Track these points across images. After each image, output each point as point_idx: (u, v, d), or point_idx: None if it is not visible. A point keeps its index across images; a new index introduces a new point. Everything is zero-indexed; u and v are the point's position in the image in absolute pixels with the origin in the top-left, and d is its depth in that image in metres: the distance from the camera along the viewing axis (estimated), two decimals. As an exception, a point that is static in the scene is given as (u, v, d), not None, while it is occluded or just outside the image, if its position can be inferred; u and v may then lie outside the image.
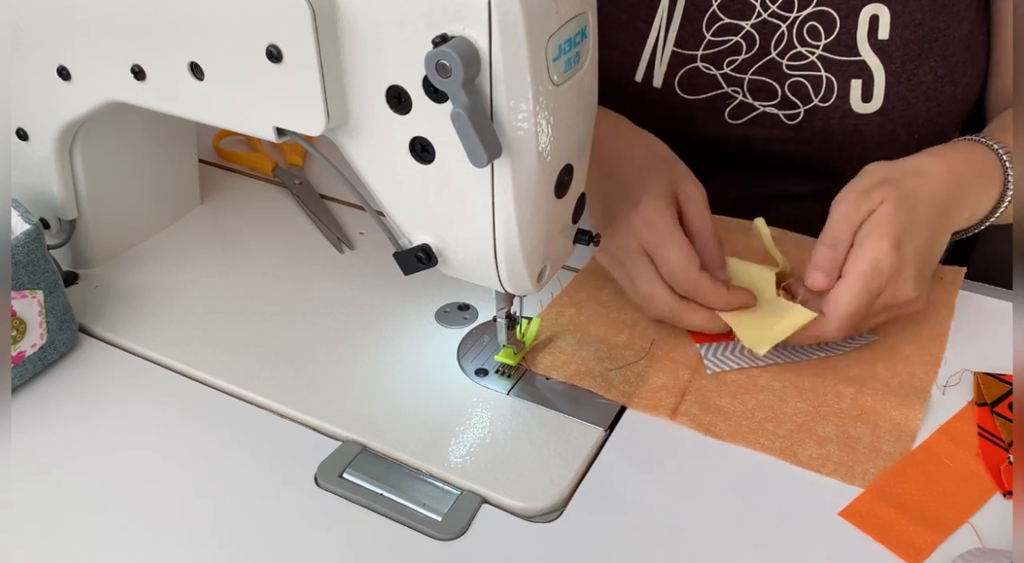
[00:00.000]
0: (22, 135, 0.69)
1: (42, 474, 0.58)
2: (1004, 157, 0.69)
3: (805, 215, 0.77)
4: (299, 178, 0.87)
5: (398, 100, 0.50)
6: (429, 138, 0.51)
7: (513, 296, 0.61)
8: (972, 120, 0.86)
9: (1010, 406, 0.59)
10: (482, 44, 0.46)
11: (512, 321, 0.63)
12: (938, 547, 0.52)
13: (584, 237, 0.59)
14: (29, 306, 0.61)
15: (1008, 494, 0.54)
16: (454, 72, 0.45)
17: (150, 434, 0.60)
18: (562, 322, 0.69)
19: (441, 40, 0.45)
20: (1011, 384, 0.60)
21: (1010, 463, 0.55)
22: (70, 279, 0.74)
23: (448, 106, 0.47)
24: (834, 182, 0.73)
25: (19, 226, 0.62)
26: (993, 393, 0.60)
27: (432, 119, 0.50)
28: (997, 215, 0.70)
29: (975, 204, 0.68)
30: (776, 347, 0.62)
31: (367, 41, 0.50)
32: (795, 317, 0.62)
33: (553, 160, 0.51)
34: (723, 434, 0.59)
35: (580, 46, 0.50)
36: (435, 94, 0.49)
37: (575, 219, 0.57)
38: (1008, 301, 0.70)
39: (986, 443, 0.57)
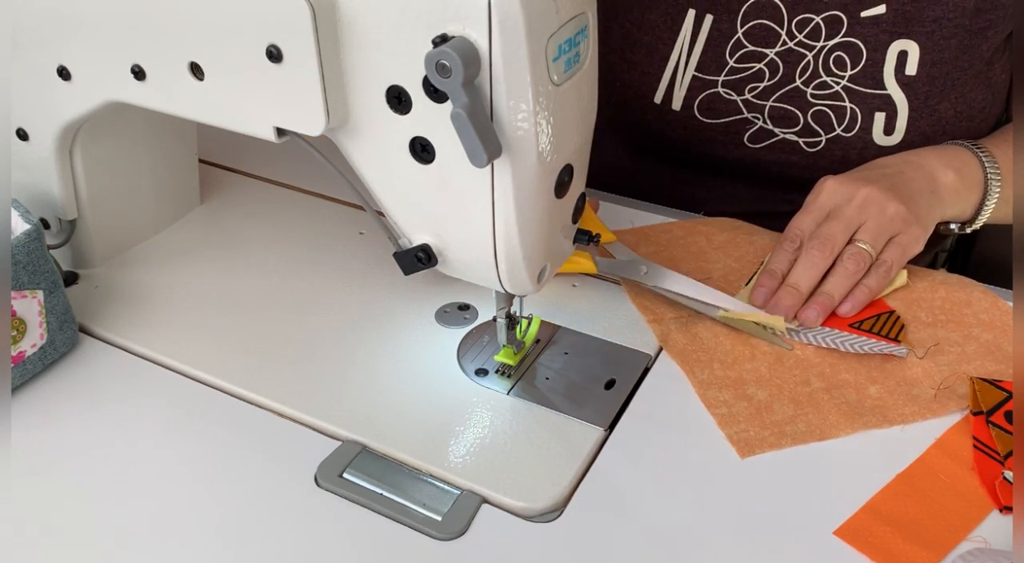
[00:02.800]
0: (22, 135, 0.69)
1: (42, 474, 0.58)
2: (986, 162, 0.72)
3: None
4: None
5: (398, 100, 0.50)
6: (429, 138, 0.51)
7: (513, 296, 0.61)
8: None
9: (1006, 414, 0.58)
10: (482, 44, 0.46)
11: (512, 321, 0.63)
12: (935, 567, 0.51)
13: (584, 237, 0.59)
14: (29, 306, 0.61)
15: (1005, 510, 0.53)
16: (454, 72, 0.45)
17: (150, 434, 0.60)
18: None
19: (441, 40, 0.45)
20: (1008, 391, 0.60)
21: (1005, 478, 0.55)
22: (70, 279, 0.74)
23: (448, 106, 0.47)
24: None
25: (19, 226, 0.62)
26: (989, 401, 0.59)
27: (432, 119, 0.50)
28: (982, 216, 0.74)
29: (954, 196, 0.71)
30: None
31: (367, 41, 0.50)
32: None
33: (553, 160, 0.51)
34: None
35: (580, 46, 0.50)
36: (435, 94, 0.49)
37: (575, 219, 0.57)
38: (1008, 301, 0.70)
39: (981, 456, 0.56)
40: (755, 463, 0.58)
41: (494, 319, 0.63)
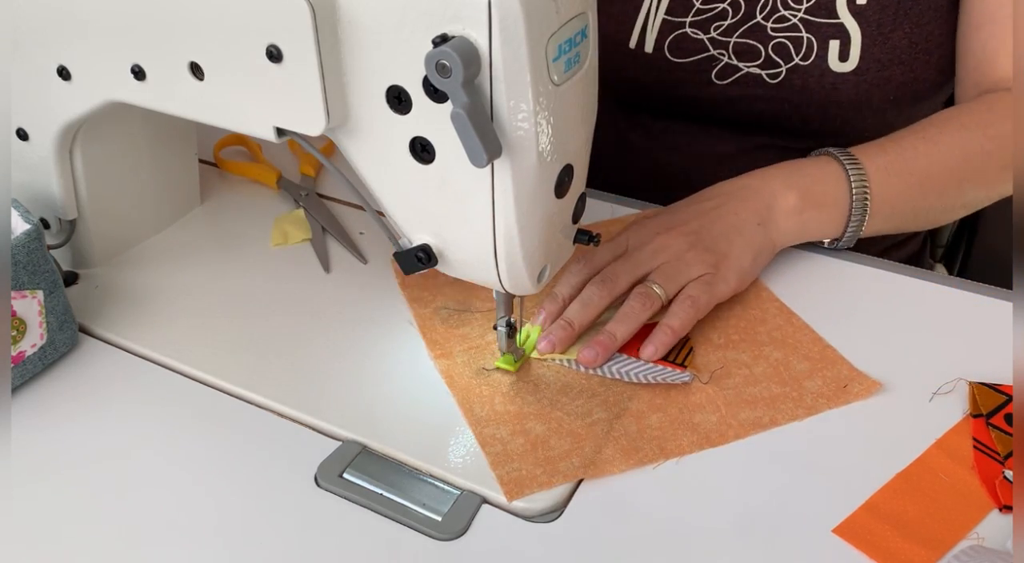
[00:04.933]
0: (22, 135, 0.69)
1: (42, 474, 0.58)
2: (852, 177, 0.72)
3: None
4: (306, 189, 0.86)
5: (398, 100, 0.50)
6: (429, 138, 0.51)
7: (513, 302, 0.61)
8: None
9: (1006, 417, 0.58)
10: (482, 44, 0.46)
11: (512, 329, 0.62)
12: (934, 565, 0.51)
13: (584, 237, 0.59)
14: (29, 306, 0.61)
15: (1004, 509, 0.53)
16: (454, 72, 0.45)
17: (150, 434, 0.60)
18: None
19: (441, 40, 0.45)
20: (1007, 395, 0.59)
21: (1005, 477, 0.55)
22: (70, 279, 0.74)
23: (448, 106, 0.47)
24: (812, 140, 0.83)
25: (19, 226, 0.62)
26: (989, 404, 0.59)
27: (432, 119, 0.50)
28: (849, 234, 0.73)
29: (793, 219, 0.71)
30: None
31: (367, 41, 0.50)
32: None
33: (553, 160, 0.51)
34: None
35: (580, 46, 0.50)
36: (435, 94, 0.49)
37: (575, 219, 0.57)
38: (1008, 301, 0.70)
39: (981, 456, 0.56)
40: (754, 462, 0.58)
41: (494, 327, 0.62)
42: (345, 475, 0.57)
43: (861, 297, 0.71)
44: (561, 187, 0.53)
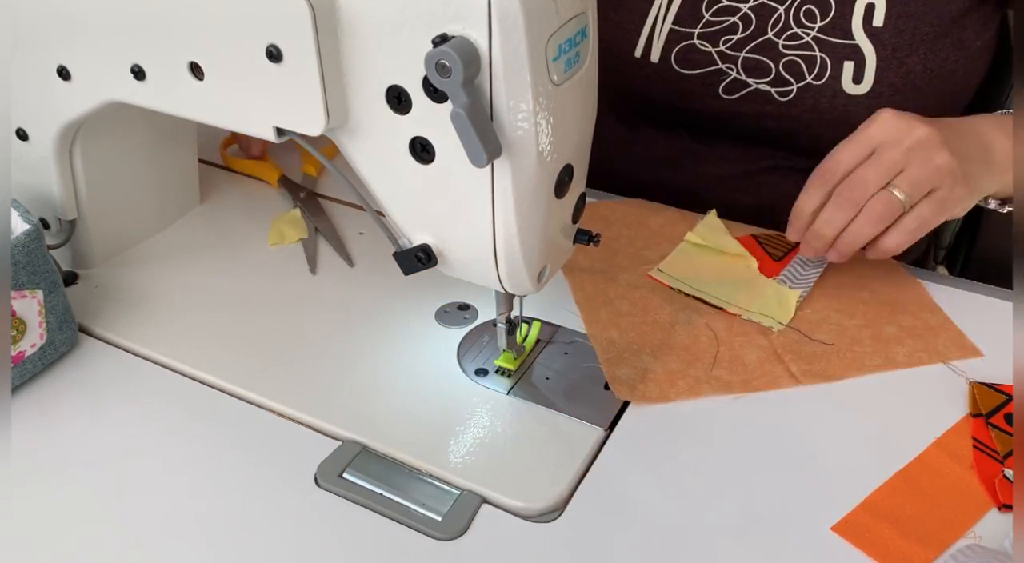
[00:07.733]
0: (22, 135, 0.69)
1: (42, 474, 0.58)
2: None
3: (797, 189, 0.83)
4: (304, 189, 0.86)
5: (398, 100, 0.50)
6: (429, 138, 0.51)
7: (512, 299, 0.61)
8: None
9: (1006, 417, 0.58)
10: (482, 44, 0.46)
11: (512, 326, 0.62)
12: (932, 563, 0.51)
13: (584, 237, 0.59)
14: (29, 306, 0.61)
15: (1004, 508, 0.54)
16: (454, 72, 0.45)
17: (150, 434, 0.60)
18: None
19: (441, 40, 0.45)
20: (1007, 394, 0.60)
21: (1004, 476, 0.55)
22: (70, 279, 0.74)
23: (448, 106, 0.47)
24: (820, 160, 0.81)
25: (19, 226, 0.62)
26: (989, 404, 0.59)
27: (432, 119, 0.50)
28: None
29: (1006, 164, 0.69)
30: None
31: (367, 41, 0.50)
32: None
33: (553, 160, 0.51)
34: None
35: (580, 46, 0.50)
36: (435, 94, 0.49)
37: (575, 219, 0.57)
38: (1008, 301, 0.70)
39: (980, 455, 0.57)
40: (754, 460, 0.58)
41: (494, 323, 0.62)
42: (345, 475, 0.57)
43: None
44: (561, 187, 0.53)
